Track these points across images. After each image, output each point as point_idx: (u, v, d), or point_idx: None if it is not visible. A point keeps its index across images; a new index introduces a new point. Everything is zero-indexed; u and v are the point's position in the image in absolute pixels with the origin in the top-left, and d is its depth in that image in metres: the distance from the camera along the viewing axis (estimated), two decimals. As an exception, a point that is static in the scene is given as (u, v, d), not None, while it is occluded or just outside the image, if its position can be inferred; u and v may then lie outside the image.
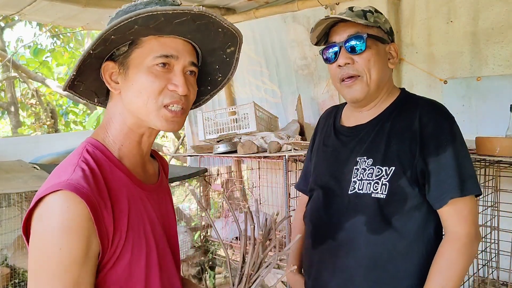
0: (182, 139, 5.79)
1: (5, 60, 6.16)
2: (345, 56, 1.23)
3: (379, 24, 1.26)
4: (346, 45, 1.22)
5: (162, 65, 0.87)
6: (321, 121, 1.50)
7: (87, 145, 0.89)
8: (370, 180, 1.21)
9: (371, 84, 1.23)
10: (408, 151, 1.19)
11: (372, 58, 1.22)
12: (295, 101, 3.07)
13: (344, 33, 1.23)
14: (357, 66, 1.22)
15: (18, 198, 2.33)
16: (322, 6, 3.03)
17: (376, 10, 1.28)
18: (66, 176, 0.78)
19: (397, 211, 1.18)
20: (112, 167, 0.87)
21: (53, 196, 0.75)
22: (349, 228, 1.22)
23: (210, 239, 3.20)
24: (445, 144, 1.17)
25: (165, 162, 1.13)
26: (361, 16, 1.23)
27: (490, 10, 2.42)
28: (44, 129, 6.96)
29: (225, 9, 3.61)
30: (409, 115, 1.23)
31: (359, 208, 1.21)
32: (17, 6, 2.89)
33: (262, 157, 2.68)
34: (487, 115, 2.50)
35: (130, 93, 0.88)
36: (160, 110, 0.88)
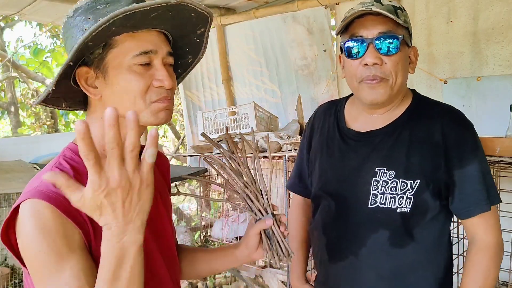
0: (182, 139, 5.79)
1: (5, 60, 6.16)
2: (375, 55, 1.10)
3: (408, 25, 1.15)
4: (377, 43, 1.10)
5: (146, 65, 0.84)
6: (317, 118, 1.38)
7: (65, 151, 0.87)
8: (394, 194, 1.15)
9: (394, 88, 1.14)
10: (430, 163, 1.14)
11: (401, 61, 1.13)
12: (295, 101, 3.07)
13: (374, 28, 1.11)
14: (385, 69, 1.11)
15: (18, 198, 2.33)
16: (322, 6, 3.03)
17: (403, 8, 1.16)
18: (36, 183, 0.79)
19: (418, 223, 1.15)
20: None
21: (24, 205, 0.77)
22: (370, 243, 1.18)
23: (210, 239, 3.20)
24: (470, 155, 1.14)
25: (162, 160, 1.09)
26: (393, 13, 1.10)
27: (490, 10, 2.42)
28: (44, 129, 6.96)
29: (225, 9, 3.61)
30: (429, 124, 1.16)
31: (382, 223, 1.16)
32: (17, 6, 2.89)
33: (262, 157, 2.68)
34: (487, 115, 2.50)
35: (115, 96, 0.84)
36: (150, 106, 0.86)
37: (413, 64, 1.21)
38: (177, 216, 5.15)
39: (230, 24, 3.66)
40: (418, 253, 1.16)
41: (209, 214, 4.22)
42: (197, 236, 3.63)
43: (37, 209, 0.75)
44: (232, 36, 3.71)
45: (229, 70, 3.83)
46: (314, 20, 3.14)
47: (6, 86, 6.99)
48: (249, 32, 3.56)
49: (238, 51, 3.71)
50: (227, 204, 3.49)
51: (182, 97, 4.23)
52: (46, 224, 0.75)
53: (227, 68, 3.82)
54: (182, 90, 4.16)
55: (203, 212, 3.80)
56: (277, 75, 3.50)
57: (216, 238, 3.11)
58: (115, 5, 0.81)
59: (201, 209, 3.77)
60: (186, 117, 4.20)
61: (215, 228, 3.13)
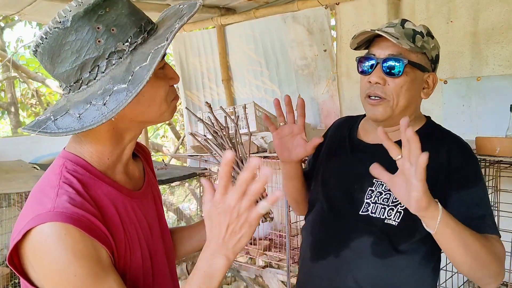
0: (182, 139, 5.79)
1: (5, 60, 6.16)
2: (379, 76, 1.16)
3: (425, 51, 1.18)
4: (384, 64, 1.16)
5: (163, 66, 0.84)
6: (333, 128, 1.43)
7: (65, 162, 0.83)
8: (385, 205, 1.17)
9: (395, 109, 1.18)
10: (429, 183, 1.11)
11: (405, 85, 1.16)
12: (295, 101, 3.06)
13: (387, 49, 1.16)
14: (387, 89, 1.16)
15: (18, 198, 2.33)
16: (322, 6, 3.03)
17: (428, 33, 1.20)
18: (50, 204, 0.75)
19: (404, 240, 1.16)
20: (97, 182, 0.83)
21: (44, 229, 0.73)
22: (354, 248, 1.19)
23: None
24: (472, 181, 1.15)
25: (147, 153, 1.08)
26: (410, 37, 1.16)
27: (490, 10, 2.42)
28: (44, 129, 6.95)
29: (225, 9, 3.61)
30: (436, 147, 1.17)
31: (368, 231, 1.18)
32: (17, 6, 2.89)
33: (262, 157, 2.68)
34: (487, 115, 2.50)
35: (141, 105, 0.81)
36: (170, 106, 0.87)
37: (429, 90, 1.22)
38: (177, 216, 5.15)
39: (230, 24, 3.66)
40: (399, 269, 1.16)
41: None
42: (197, 236, 3.63)
43: (63, 232, 0.73)
44: (232, 36, 3.71)
45: (229, 70, 3.83)
46: (314, 20, 3.14)
47: (6, 86, 6.99)
48: (249, 32, 3.56)
49: (238, 51, 3.71)
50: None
51: (182, 97, 4.22)
52: (77, 248, 0.74)
53: (227, 68, 3.82)
54: (182, 90, 4.16)
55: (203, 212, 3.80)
56: (277, 75, 3.50)
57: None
58: (115, 8, 0.77)
59: (201, 209, 3.77)
60: (186, 117, 4.20)
61: (215, 228, 3.12)
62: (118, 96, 0.72)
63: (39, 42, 0.77)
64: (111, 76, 0.75)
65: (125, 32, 0.76)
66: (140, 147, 1.07)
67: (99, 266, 0.76)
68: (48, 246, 0.73)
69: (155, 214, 0.99)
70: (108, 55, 0.75)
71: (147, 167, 1.04)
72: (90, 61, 0.76)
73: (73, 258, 0.73)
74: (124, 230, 0.84)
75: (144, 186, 0.97)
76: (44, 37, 0.76)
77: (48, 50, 0.78)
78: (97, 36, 0.75)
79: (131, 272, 0.85)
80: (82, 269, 0.74)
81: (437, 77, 1.23)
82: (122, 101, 0.72)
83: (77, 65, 0.76)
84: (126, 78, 0.73)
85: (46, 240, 0.73)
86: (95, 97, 0.74)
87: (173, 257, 1.05)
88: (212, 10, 3.56)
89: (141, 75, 0.71)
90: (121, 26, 0.76)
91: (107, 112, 0.72)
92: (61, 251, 0.73)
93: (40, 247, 0.74)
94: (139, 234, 0.89)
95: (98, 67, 0.76)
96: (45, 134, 0.76)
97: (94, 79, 0.77)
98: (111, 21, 0.75)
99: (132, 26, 0.77)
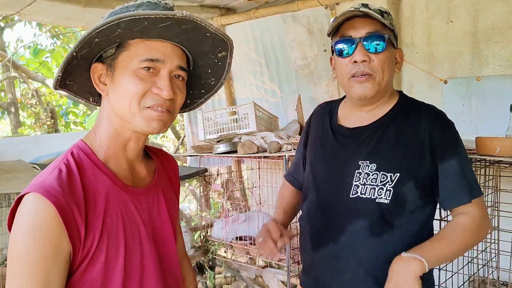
0: (182, 139, 5.79)
1: (5, 60, 6.16)
2: (363, 53, 1.21)
3: (393, 28, 1.25)
4: (365, 42, 1.21)
5: (147, 69, 0.87)
6: (314, 116, 1.48)
7: (73, 148, 0.90)
8: (374, 185, 1.22)
9: (382, 84, 1.23)
10: (413, 159, 1.22)
11: (387, 60, 1.23)
12: (295, 101, 3.07)
13: (363, 29, 1.21)
14: (373, 65, 1.21)
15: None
16: (322, 6, 3.03)
17: (388, 12, 1.27)
18: (43, 178, 0.82)
19: (398, 215, 1.22)
20: (95, 170, 0.88)
21: (26, 198, 0.80)
22: (350, 232, 1.24)
23: (210, 239, 3.20)
24: (453, 151, 1.22)
25: (169, 160, 1.10)
26: (379, 15, 1.21)
27: (490, 10, 2.42)
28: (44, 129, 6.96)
29: (225, 9, 3.61)
30: (414, 122, 1.25)
31: (361, 212, 1.23)
32: (17, 6, 2.89)
33: (262, 157, 2.68)
34: (487, 115, 2.50)
35: (116, 95, 0.89)
36: (143, 111, 0.88)
37: (399, 65, 1.31)
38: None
39: (230, 24, 3.66)
40: (396, 243, 1.21)
41: (209, 214, 4.22)
42: (197, 236, 3.62)
43: (38, 204, 0.78)
44: (232, 36, 3.65)
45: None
46: (314, 20, 3.14)
47: (6, 86, 6.99)
48: (249, 32, 3.56)
49: (238, 51, 3.71)
50: (227, 204, 3.49)
51: (182, 97, 4.22)
52: (43, 223, 0.77)
53: (227, 68, 3.82)
54: (182, 90, 4.16)
55: (203, 212, 3.80)
56: (277, 75, 3.50)
57: (216, 238, 3.11)
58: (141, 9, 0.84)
59: (201, 209, 3.77)
60: (186, 117, 4.20)
61: (215, 228, 3.13)
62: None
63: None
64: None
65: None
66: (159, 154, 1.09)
67: (52, 250, 0.78)
68: (21, 212, 0.79)
69: (156, 216, 0.98)
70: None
71: (162, 172, 1.05)
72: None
73: (34, 231, 0.77)
74: (104, 218, 0.86)
75: (148, 187, 0.98)
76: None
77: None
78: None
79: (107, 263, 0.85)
80: (36, 244, 0.77)
81: (402, 50, 1.32)
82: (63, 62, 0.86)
83: None
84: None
85: (23, 207, 0.79)
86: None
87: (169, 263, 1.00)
88: (212, 10, 3.56)
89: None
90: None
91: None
92: (28, 220, 0.77)
93: (18, 212, 0.80)
94: (125, 227, 0.89)
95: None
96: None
97: None
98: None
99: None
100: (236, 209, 3.37)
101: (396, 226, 1.22)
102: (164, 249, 0.99)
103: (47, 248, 0.77)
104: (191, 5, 3.41)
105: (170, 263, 1.01)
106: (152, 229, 0.96)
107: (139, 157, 0.99)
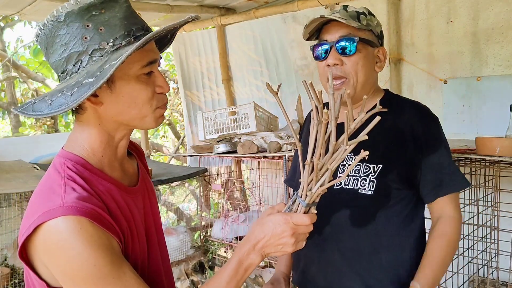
0: (182, 139, 5.79)
1: (5, 60, 6.16)
2: (335, 57, 1.25)
3: (371, 27, 1.28)
4: (337, 46, 1.24)
5: (149, 73, 0.87)
6: (308, 118, 1.52)
7: (66, 161, 0.87)
8: (357, 176, 1.25)
9: (357, 86, 1.26)
10: (396, 151, 1.25)
11: (360, 61, 1.25)
12: (295, 101, 3.07)
13: (336, 33, 1.25)
14: (345, 68, 1.25)
15: (18, 198, 2.33)
16: (322, 6, 3.03)
17: (369, 12, 1.30)
18: (59, 199, 0.78)
19: (382, 206, 1.25)
20: (96, 178, 0.87)
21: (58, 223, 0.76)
22: (334, 223, 1.27)
23: (210, 239, 3.20)
24: (435, 144, 1.26)
25: (140, 152, 1.12)
26: (355, 18, 1.25)
27: (490, 10, 2.42)
28: (44, 129, 6.96)
29: (225, 9, 3.61)
30: (399, 116, 1.28)
31: (344, 203, 1.26)
32: (17, 6, 2.89)
33: (262, 157, 2.68)
34: (487, 115, 2.50)
35: (121, 105, 0.86)
36: (154, 112, 0.90)
37: (381, 63, 1.33)
38: (177, 216, 5.15)
39: (230, 24, 3.66)
40: (380, 235, 1.25)
41: (209, 214, 4.22)
42: (197, 236, 3.63)
43: (77, 225, 0.76)
44: (232, 36, 3.71)
45: (229, 70, 3.83)
46: (314, 20, 3.14)
47: (6, 86, 6.99)
48: (249, 32, 3.56)
49: (238, 51, 3.71)
50: (227, 204, 3.49)
51: (182, 97, 4.22)
52: (93, 238, 0.77)
53: (227, 68, 3.82)
54: (182, 90, 4.16)
55: (203, 212, 3.80)
56: (277, 75, 3.50)
57: (216, 238, 3.11)
58: (111, 11, 0.82)
59: (201, 209, 3.77)
60: (186, 117, 4.20)
61: (215, 228, 3.13)
62: (83, 88, 0.77)
63: (38, 32, 0.84)
64: (87, 71, 0.80)
65: (112, 33, 0.81)
66: (134, 146, 1.11)
67: (114, 254, 0.80)
68: (63, 239, 0.76)
69: (149, 209, 1.02)
70: (91, 52, 0.81)
71: (141, 165, 1.08)
72: (74, 55, 0.81)
73: (90, 249, 0.76)
74: (126, 222, 0.89)
75: (139, 183, 1.01)
76: (42, 28, 0.83)
77: (44, 40, 0.84)
78: (85, 33, 0.81)
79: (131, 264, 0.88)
80: (100, 258, 0.77)
81: (386, 50, 1.33)
82: (84, 93, 0.77)
83: (64, 57, 0.82)
84: (95, 73, 0.78)
85: (61, 234, 0.76)
86: (68, 87, 0.79)
87: (166, 252, 1.08)
88: (212, 10, 3.56)
89: (107, 72, 0.76)
90: (110, 27, 0.81)
91: (71, 101, 0.77)
92: (78, 243, 0.76)
93: (54, 241, 0.76)
94: (137, 227, 0.93)
95: (81, 61, 0.81)
96: (23, 114, 0.83)
97: (76, 72, 0.82)
98: (102, 21, 0.81)
99: (121, 29, 0.82)
100: (236, 209, 3.37)
101: (379, 217, 1.24)
102: (160, 240, 1.04)
103: (109, 255, 0.79)
104: (191, 5, 3.41)
105: (165, 251, 1.07)
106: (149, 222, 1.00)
107: (125, 155, 1.00)
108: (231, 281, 0.88)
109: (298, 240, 0.92)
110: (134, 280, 0.82)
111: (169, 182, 2.90)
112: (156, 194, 1.13)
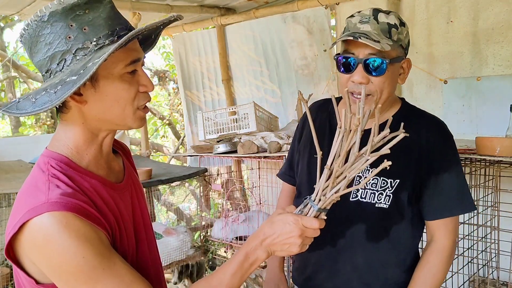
0: (182, 139, 5.79)
1: (5, 60, 6.16)
2: (362, 75, 1.17)
3: (401, 42, 1.20)
4: (366, 64, 1.17)
5: (132, 73, 0.88)
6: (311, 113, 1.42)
7: (49, 160, 0.87)
8: (374, 190, 1.24)
9: (379, 102, 1.21)
10: (412, 167, 1.23)
11: (387, 80, 1.18)
12: (295, 101, 3.07)
13: (366, 49, 1.16)
14: (371, 87, 1.18)
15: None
16: (322, 6, 3.03)
17: (401, 23, 1.21)
18: (43, 196, 0.79)
19: (395, 222, 1.24)
20: (80, 175, 0.88)
21: (41, 221, 0.76)
22: (349, 236, 1.26)
23: (210, 239, 3.20)
24: (449, 163, 1.24)
25: (126, 151, 1.12)
26: (386, 33, 1.17)
27: (490, 10, 2.42)
28: (44, 129, 6.96)
29: (225, 9, 3.61)
30: (415, 131, 1.22)
31: (361, 217, 1.25)
32: (17, 6, 2.89)
33: (262, 157, 2.68)
34: (487, 115, 2.50)
35: (104, 104, 0.87)
36: (136, 113, 0.90)
37: (405, 75, 1.27)
38: (177, 216, 5.15)
39: (230, 24, 3.66)
40: (390, 251, 1.25)
41: (209, 214, 4.22)
42: (197, 236, 3.63)
43: (63, 220, 0.77)
44: (232, 36, 3.71)
45: (229, 70, 3.83)
46: (314, 20, 3.14)
47: (6, 86, 6.99)
48: (249, 32, 3.56)
49: (238, 51, 3.71)
50: (227, 204, 3.48)
51: (182, 97, 4.22)
52: (79, 232, 0.78)
53: (227, 68, 3.82)
54: (182, 90, 4.16)
55: (203, 212, 3.80)
56: (277, 75, 3.50)
57: (216, 238, 3.11)
58: (95, 11, 0.82)
59: (201, 209, 3.77)
60: (186, 117, 4.20)
61: (215, 228, 3.12)
62: (66, 86, 0.78)
63: (22, 32, 0.84)
64: (71, 69, 0.81)
65: (96, 33, 0.82)
66: (119, 144, 1.12)
67: (103, 246, 0.81)
68: (50, 235, 0.76)
69: (136, 205, 1.02)
70: (75, 51, 0.82)
71: (127, 162, 1.09)
72: (58, 54, 0.82)
73: (78, 242, 0.77)
74: (114, 217, 0.89)
75: (125, 179, 1.01)
76: (26, 28, 0.83)
77: (28, 40, 0.84)
78: (69, 32, 0.81)
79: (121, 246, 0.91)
80: (88, 250, 0.78)
81: (410, 61, 1.28)
82: (67, 91, 0.77)
83: (48, 56, 0.82)
84: (79, 71, 0.78)
85: (47, 230, 0.76)
86: (52, 86, 0.80)
87: (155, 248, 1.09)
88: (212, 10, 3.55)
89: (90, 70, 0.76)
90: (94, 26, 0.82)
91: (55, 99, 0.78)
92: (65, 237, 0.76)
93: (41, 237, 0.77)
94: (125, 223, 0.94)
95: (65, 60, 0.82)
96: (7, 113, 0.84)
97: (60, 71, 0.82)
98: (86, 21, 0.82)
99: (105, 28, 0.83)
100: (236, 209, 3.37)
101: (391, 234, 1.24)
102: (148, 235, 1.05)
103: (98, 247, 0.79)
104: (190, 5, 3.41)
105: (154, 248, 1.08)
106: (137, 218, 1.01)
107: (110, 152, 1.00)
108: (236, 273, 0.90)
109: (304, 242, 0.93)
110: (125, 270, 0.83)
111: (169, 182, 2.90)
112: (156, 194, 1.14)
